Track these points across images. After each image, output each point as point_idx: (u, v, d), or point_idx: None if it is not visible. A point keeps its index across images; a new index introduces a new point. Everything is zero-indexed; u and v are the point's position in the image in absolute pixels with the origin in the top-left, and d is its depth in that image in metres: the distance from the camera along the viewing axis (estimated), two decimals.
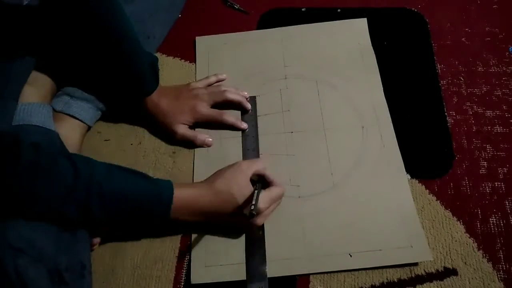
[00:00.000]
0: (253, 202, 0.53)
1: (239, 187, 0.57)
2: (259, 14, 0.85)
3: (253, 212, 0.52)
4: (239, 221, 0.58)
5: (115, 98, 0.70)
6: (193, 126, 0.70)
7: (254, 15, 0.85)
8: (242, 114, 0.72)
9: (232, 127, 0.70)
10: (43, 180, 0.49)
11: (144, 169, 0.67)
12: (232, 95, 0.70)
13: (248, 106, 0.71)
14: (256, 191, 0.56)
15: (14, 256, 0.48)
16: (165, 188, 0.55)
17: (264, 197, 0.57)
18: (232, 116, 0.70)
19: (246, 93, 0.72)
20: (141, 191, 0.54)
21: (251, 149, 0.68)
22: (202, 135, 0.69)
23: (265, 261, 0.58)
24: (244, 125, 0.70)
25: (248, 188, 0.58)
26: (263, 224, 0.60)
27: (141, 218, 0.55)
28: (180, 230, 0.62)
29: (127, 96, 0.68)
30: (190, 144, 0.69)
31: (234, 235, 0.61)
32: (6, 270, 0.47)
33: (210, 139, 0.69)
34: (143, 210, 0.54)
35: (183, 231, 0.62)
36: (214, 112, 0.69)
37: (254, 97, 0.73)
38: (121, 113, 0.73)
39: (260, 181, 0.59)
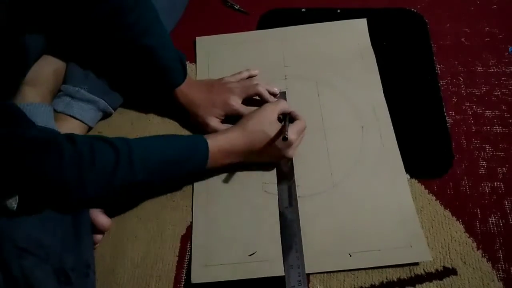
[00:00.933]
0: (286, 130, 0.61)
1: (269, 124, 0.63)
2: (259, 15, 0.85)
3: (286, 135, 0.60)
4: (272, 154, 0.64)
5: (143, 90, 0.72)
6: (224, 120, 0.70)
7: (254, 15, 0.85)
8: None
9: None
10: (89, 168, 0.50)
11: None
12: (264, 90, 0.71)
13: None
14: (286, 122, 0.63)
15: (20, 257, 0.47)
16: (199, 141, 0.60)
17: (293, 129, 0.63)
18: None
19: (276, 89, 0.73)
20: (180, 150, 0.58)
21: None
22: None
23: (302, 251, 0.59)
24: None
25: (277, 124, 0.63)
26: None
27: (183, 174, 0.60)
28: (181, 229, 0.63)
29: (155, 88, 0.70)
30: None
31: (235, 235, 0.61)
32: (12, 272, 0.47)
33: None
34: (184, 166, 0.59)
35: (185, 226, 0.63)
36: (245, 109, 0.69)
37: (284, 92, 0.73)
38: (121, 113, 0.73)
39: (286, 117, 0.65)
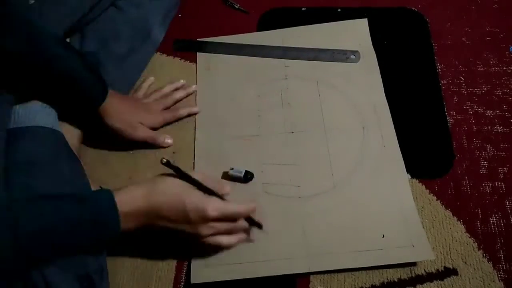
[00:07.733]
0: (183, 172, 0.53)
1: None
2: (259, 14, 0.85)
3: (163, 160, 0.51)
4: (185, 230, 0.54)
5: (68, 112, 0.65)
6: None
7: (254, 15, 0.85)
8: None
9: (188, 116, 0.72)
10: None
11: (144, 169, 0.68)
12: (179, 94, 0.73)
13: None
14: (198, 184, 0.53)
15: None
16: (104, 200, 0.50)
17: (216, 203, 0.53)
18: (183, 109, 0.72)
19: (195, 109, 0.73)
20: (77, 218, 0.48)
21: None
22: (161, 135, 0.69)
23: None
24: (195, 109, 0.73)
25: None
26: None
27: (90, 244, 0.51)
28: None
29: (76, 109, 0.64)
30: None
31: None
32: (33, 280, 0.47)
33: (170, 141, 0.70)
34: (88, 237, 0.49)
35: None
36: (167, 115, 0.71)
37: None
38: None
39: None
